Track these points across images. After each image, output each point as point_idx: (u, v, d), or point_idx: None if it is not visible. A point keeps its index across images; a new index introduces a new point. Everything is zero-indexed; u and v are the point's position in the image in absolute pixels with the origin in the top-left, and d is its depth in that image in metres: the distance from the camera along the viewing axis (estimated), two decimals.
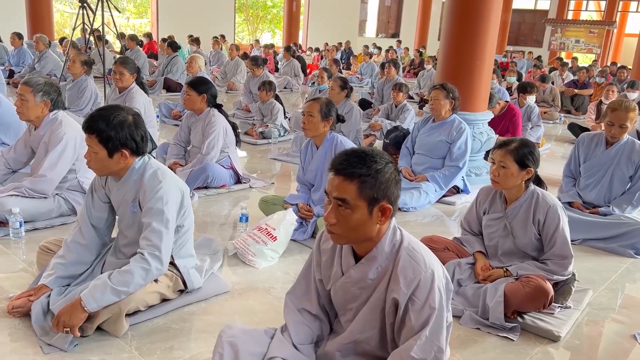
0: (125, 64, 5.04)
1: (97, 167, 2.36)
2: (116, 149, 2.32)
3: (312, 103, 3.42)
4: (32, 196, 3.34)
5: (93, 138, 2.28)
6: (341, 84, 5.55)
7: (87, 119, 2.29)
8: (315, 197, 3.59)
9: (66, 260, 2.45)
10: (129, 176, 2.43)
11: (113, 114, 2.32)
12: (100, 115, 2.30)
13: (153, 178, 2.39)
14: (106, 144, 2.29)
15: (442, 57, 5.24)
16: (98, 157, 2.31)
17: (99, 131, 2.27)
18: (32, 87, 3.36)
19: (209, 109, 4.38)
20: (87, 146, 2.31)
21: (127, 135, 2.32)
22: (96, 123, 2.27)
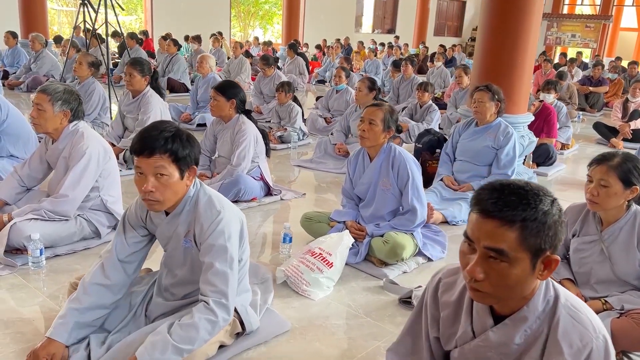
0: (136, 65, 4.66)
1: (167, 197, 1.97)
2: (187, 168, 1.97)
3: (375, 109, 3.05)
4: (51, 219, 2.96)
5: (165, 158, 1.90)
6: (369, 85, 5.20)
7: (153, 138, 1.89)
8: (365, 214, 3.24)
9: (82, 304, 2.05)
10: (182, 206, 2.06)
11: (176, 127, 1.98)
12: (167, 130, 1.93)
13: (210, 207, 2.03)
14: (180, 164, 1.93)
15: (480, 54, 4.90)
16: (170, 182, 1.93)
17: (173, 150, 1.90)
18: (50, 95, 2.98)
19: (238, 115, 4.01)
20: (146, 172, 1.92)
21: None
22: (168, 140, 1.90)
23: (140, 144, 1.90)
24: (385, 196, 3.12)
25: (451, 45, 22.65)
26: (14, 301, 2.55)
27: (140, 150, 1.91)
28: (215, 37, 12.70)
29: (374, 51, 13.86)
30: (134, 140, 1.94)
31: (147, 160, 1.91)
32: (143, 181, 1.93)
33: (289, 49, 11.69)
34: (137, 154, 1.92)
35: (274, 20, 30.59)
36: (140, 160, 1.91)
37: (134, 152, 1.93)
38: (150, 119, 4.64)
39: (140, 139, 1.91)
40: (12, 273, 2.79)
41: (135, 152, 1.92)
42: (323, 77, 12.72)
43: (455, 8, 30.13)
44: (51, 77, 8.78)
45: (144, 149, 1.90)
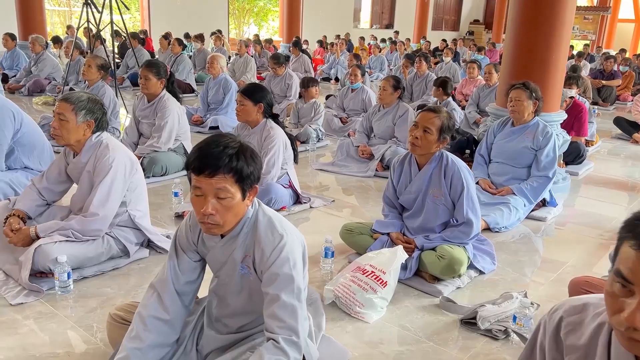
0: (151, 67, 4.43)
1: (228, 220, 1.75)
2: (250, 188, 1.76)
3: (432, 117, 2.82)
4: (78, 239, 2.73)
5: (228, 178, 1.68)
6: (394, 84, 4.98)
7: (215, 155, 1.67)
8: (412, 225, 3.02)
9: (144, 343, 1.83)
10: (239, 229, 1.84)
11: (239, 141, 1.75)
12: (230, 145, 1.70)
13: (271, 231, 1.81)
14: (243, 184, 1.72)
15: (510, 49, 4.69)
16: (232, 204, 1.72)
17: (238, 169, 1.68)
18: (73, 104, 2.75)
19: (265, 120, 3.79)
20: (206, 193, 1.70)
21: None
22: (232, 158, 1.68)
23: (200, 162, 1.68)
24: (436, 207, 2.90)
25: (452, 39, 22.48)
26: (45, 333, 2.32)
27: (200, 169, 1.68)
28: (217, 36, 12.44)
29: (378, 47, 13.59)
30: (193, 157, 1.72)
31: (208, 180, 1.69)
32: (202, 203, 1.71)
33: (294, 47, 11.45)
34: (196, 173, 1.70)
35: (268, 17, 30.28)
36: (200, 180, 1.69)
37: (193, 171, 1.71)
38: (167, 124, 4.42)
39: (201, 156, 1.69)
40: (38, 300, 2.56)
41: (195, 170, 1.70)
42: (328, 75, 12.49)
43: (452, 2, 29.91)
44: (53, 79, 8.52)
45: (205, 168, 1.68)
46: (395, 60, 14.32)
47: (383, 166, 4.94)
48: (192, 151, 1.75)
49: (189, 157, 1.75)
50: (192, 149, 1.76)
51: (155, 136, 4.43)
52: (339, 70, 12.24)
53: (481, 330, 2.42)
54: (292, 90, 7.40)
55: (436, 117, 2.83)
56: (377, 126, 5.15)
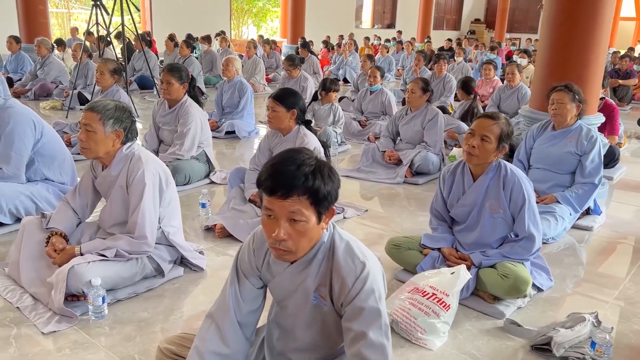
0: (173, 71, 4.23)
1: (302, 246, 1.57)
2: (326, 210, 1.56)
3: (490, 124, 2.61)
4: (121, 258, 2.55)
5: (303, 200, 1.49)
6: (423, 86, 4.78)
7: (290, 174, 1.48)
8: (465, 240, 2.82)
9: None
10: (312, 254, 1.64)
11: (315, 157, 1.56)
12: (306, 163, 1.51)
13: (352, 258, 1.62)
14: (320, 206, 1.52)
15: (545, 49, 4.50)
16: (307, 228, 1.53)
17: (314, 189, 1.49)
18: (100, 113, 2.54)
19: (298, 126, 3.59)
20: (279, 216, 1.50)
21: (338, 187, 1.60)
22: (309, 178, 1.49)
23: (273, 182, 1.49)
24: (493, 221, 2.71)
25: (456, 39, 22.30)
26: None
27: (273, 189, 1.49)
28: (223, 37, 12.23)
29: (386, 47, 13.40)
30: (265, 175, 1.52)
31: (281, 202, 1.49)
32: (274, 226, 1.52)
33: (302, 48, 11.25)
34: (268, 193, 1.50)
35: (267, 17, 30.09)
36: (273, 201, 1.50)
37: (264, 191, 1.52)
38: (190, 130, 4.22)
39: (274, 175, 1.50)
40: (71, 327, 2.36)
41: (267, 190, 1.50)
42: (336, 76, 12.27)
43: (453, 1, 29.77)
44: (59, 83, 8.31)
45: (278, 188, 1.48)
46: (402, 61, 14.13)
47: (412, 172, 4.75)
48: (264, 168, 1.55)
49: (260, 175, 1.55)
50: (265, 166, 1.56)
51: (177, 143, 4.23)
52: (347, 71, 12.04)
53: (557, 357, 2.22)
54: (307, 92, 7.19)
55: (495, 124, 2.63)
56: (405, 130, 4.96)
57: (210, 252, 3.20)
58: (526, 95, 6.68)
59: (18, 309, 2.47)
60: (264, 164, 1.59)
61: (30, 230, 2.72)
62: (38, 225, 2.74)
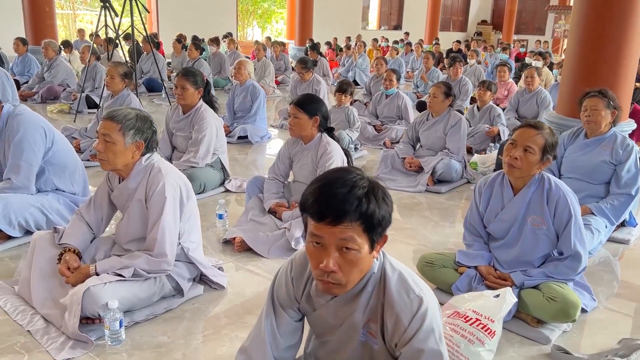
0: (188, 76, 4.07)
1: (353, 278, 1.41)
2: (380, 237, 1.40)
3: (534, 134, 2.44)
4: (139, 278, 2.38)
5: (356, 227, 1.32)
6: (445, 90, 4.60)
7: (341, 198, 1.32)
8: (504, 257, 2.65)
9: None
10: (361, 286, 1.48)
11: (367, 178, 1.40)
12: (358, 184, 1.35)
13: (406, 291, 1.45)
14: (373, 233, 1.36)
15: (574, 52, 4.32)
16: (359, 258, 1.36)
17: (368, 214, 1.33)
18: (120, 123, 2.38)
19: (320, 134, 3.42)
20: (328, 245, 1.34)
21: (392, 210, 1.43)
22: (362, 202, 1.33)
23: (322, 206, 1.32)
24: (536, 237, 2.53)
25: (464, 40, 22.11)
26: None
27: (321, 214, 1.32)
28: (231, 39, 12.08)
29: (396, 49, 13.22)
30: (311, 198, 1.36)
31: (331, 229, 1.33)
32: (322, 255, 1.36)
33: (312, 50, 11.08)
34: (316, 219, 1.34)
35: (272, 19, 29.98)
36: (321, 228, 1.33)
37: (311, 216, 1.35)
38: (205, 137, 4.06)
39: (322, 199, 1.33)
40: (86, 353, 2.19)
41: (314, 216, 1.34)
42: (345, 78, 12.08)
43: (460, 3, 29.60)
44: (67, 86, 8.16)
45: (328, 214, 1.32)
46: (412, 63, 13.95)
47: (434, 180, 4.57)
48: (309, 191, 1.38)
49: (304, 197, 1.38)
50: (310, 188, 1.39)
51: (191, 150, 4.06)
52: (356, 74, 11.86)
53: None
54: (321, 96, 6.97)
55: (538, 134, 2.46)
56: (426, 136, 4.78)
57: (230, 267, 3.03)
58: (545, 99, 6.50)
59: (29, 333, 2.31)
60: (308, 185, 1.42)
61: (42, 246, 2.55)
62: (50, 240, 2.57)
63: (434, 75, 9.00)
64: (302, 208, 1.40)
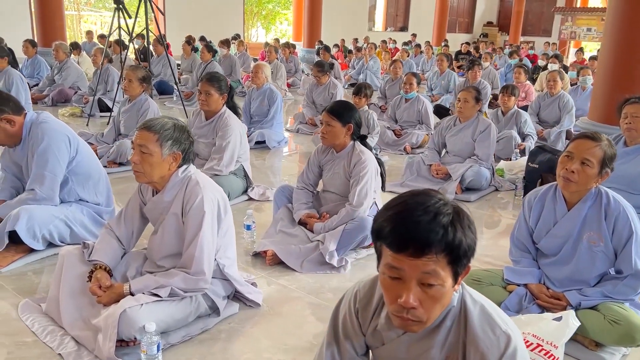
0: (212, 81, 3.94)
1: (434, 315, 1.29)
2: (463, 269, 1.28)
3: (592, 146, 2.31)
4: (175, 297, 2.26)
5: (440, 259, 1.21)
6: (476, 95, 4.46)
7: (424, 226, 1.20)
8: (556, 275, 2.51)
9: None
10: (439, 320, 1.35)
11: (449, 203, 1.28)
12: (442, 210, 1.23)
13: (491, 327, 1.33)
14: (458, 265, 1.24)
15: (608, 57, 4.18)
16: (442, 293, 1.24)
17: (455, 245, 1.21)
18: (158, 133, 2.25)
19: (353, 142, 3.29)
20: (407, 278, 1.22)
21: (476, 239, 1.30)
22: (448, 231, 1.21)
23: (402, 236, 1.20)
24: (592, 255, 2.39)
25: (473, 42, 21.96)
26: None
27: (402, 245, 1.20)
28: (241, 41, 11.96)
29: (407, 51, 13.09)
30: (388, 226, 1.23)
31: (413, 261, 1.20)
32: (400, 289, 1.24)
33: (324, 52, 10.95)
34: (395, 250, 1.21)
35: (276, 20, 29.88)
36: (401, 259, 1.21)
37: (389, 246, 1.22)
38: (230, 144, 3.93)
39: (402, 227, 1.20)
40: None
41: (393, 246, 1.21)
42: (356, 80, 11.96)
43: (465, 4, 29.47)
44: (77, 89, 8.05)
45: (410, 244, 1.19)
46: (422, 65, 13.82)
47: (462, 188, 4.44)
48: (385, 216, 1.25)
49: (379, 224, 1.25)
50: (386, 212, 1.26)
51: (215, 158, 3.93)
52: (367, 76, 11.73)
53: None
54: (337, 99, 6.89)
55: (597, 146, 2.33)
56: (453, 142, 4.64)
57: (261, 282, 2.90)
58: (568, 103, 6.36)
59: (60, 357, 2.18)
60: (383, 209, 1.30)
61: (71, 262, 2.42)
62: (79, 256, 2.45)
63: (449, 77, 8.86)
64: (376, 236, 1.27)
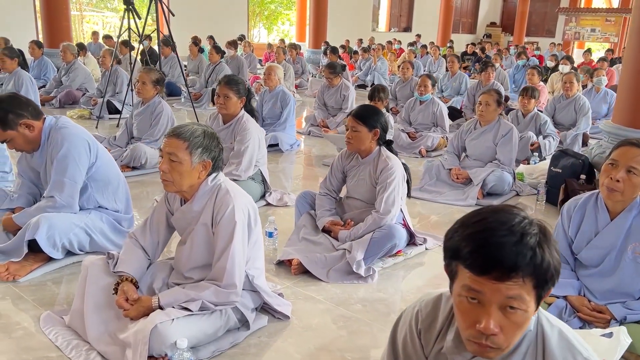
0: (231, 84, 3.86)
1: (511, 343, 1.19)
2: (545, 293, 1.18)
3: (639, 153, 2.23)
4: (205, 311, 2.17)
5: (527, 283, 1.13)
6: (498, 98, 4.37)
7: (509, 248, 1.10)
8: (598, 287, 2.41)
9: None
10: (516, 345, 1.25)
11: (534, 222, 1.18)
12: (527, 230, 1.14)
13: (572, 353, 1.25)
14: (543, 289, 1.16)
15: (634, 57, 4.08)
16: (526, 319, 1.16)
17: (543, 269, 1.13)
18: (187, 141, 2.16)
19: (379, 148, 3.20)
20: (488, 302, 1.13)
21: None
22: (536, 252, 1.12)
23: (485, 258, 1.11)
24: (637, 267, 2.30)
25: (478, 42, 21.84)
26: None
27: (485, 267, 1.11)
28: (247, 41, 11.87)
29: (414, 52, 12.99)
30: (467, 246, 1.14)
31: (496, 285, 1.11)
32: (479, 314, 1.15)
33: (332, 54, 10.87)
34: (478, 272, 1.12)
35: (278, 20, 29.83)
36: (483, 283, 1.12)
37: (470, 267, 1.13)
38: (248, 149, 3.84)
39: (485, 248, 1.11)
40: None
41: (475, 268, 1.12)
42: (364, 82, 11.89)
43: (469, 4, 29.40)
44: (85, 90, 7.96)
45: (494, 267, 1.10)
46: (429, 66, 13.72)
47: (483, 193, 4.34)
48: (462, 235, 1.17)
49: (456, 243, 1.17)
50: (463, 230, 1.17)
51: (233, 163, 3.84)
52: (375, 77, 11.64)
53: None
54: (349, 102, 6.81)
55: None
56: (473, 146, 4.55)
57: (287, 293, 2.80)
58: (584, 105, 6.28)
59: None
60: (458, 226, 1.21)
61: (95, 274, 2.33)
62: (103, 267, 2.36)
63: (460, 79, 8.76)
64: (453, 255, 1.18)
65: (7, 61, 6.04)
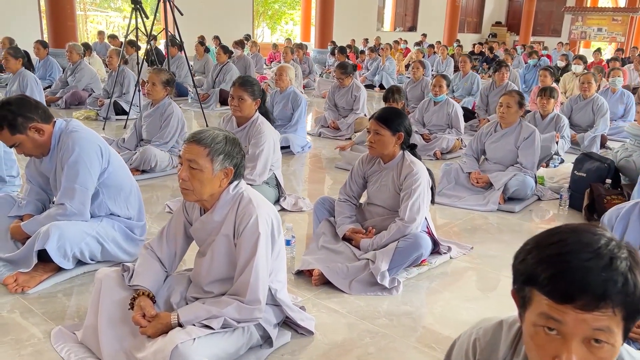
0: (246, 86, 3.73)
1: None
2: (634, 325, 1.04)
3: None
4: (228, 328, 2.04)
5: (617, 314, 0.99)
6: (519, 100, 4.22)
7: (590, 274, 0.96)
8: None
9: None
10: None
11: (622, 245, 1.03)
12: (615, 255, 0.99)
13: None
14: (630, 322, 1.02)
15: None
16: (612, 354, 1.01)
17: (636, 299, 0.98)
18: (208, 147, 2.03)
19: (402, 152, 3.06)
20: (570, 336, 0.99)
21: None
22: (628, 280, 0.97)
23: (569, 285, 0.97)
24: None
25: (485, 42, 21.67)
26: None
27: (568, 295, 0.97)
28: (254, 41, 11.74)
29: (422, 52, 12.84)
30: (541, 269, 1.00)
31: (580, 315, 0.97)
32: (558, 347, 1.01)
33: (339, 53, 10.73)
34: (559, 300, 0.98)
35: (282, 20, 29.71)
36: (565, 312, 0.98)
37: (549, 295, 0.99)
38: (263, 152, 3.71)
39: (568, 273, 0.97)
40: None
41: (556, 295, 0.98)
42: (371, 82, 11.74)
43: (474, 4, 29.23)
44: (91, 91, 7.84)
45: (579, 295, 0.96)
46: (437, 65, 13.57)
47: (505, 198, 4.20)
48: (538, 256, 1.02)
49: (531, 266, 1.02)
50: (540, 252, 1.03)
51: (248, 166, 3.70)
52: (384, 77, 11.50)
53: None
54: (360, 102, 6.67)
55: None
56: (493, 149, 4.41)
57: (309, 305, 2.66)
58: (602, 106, 6.13)
59: None
60: (534, 247, 1.06)
61: (109, 287, 2.20)
62: (117, 280, 2.22)
63: (472, 79, 8.62)
64: (528, 280, 1.04)
65: (11, 60, 5.92)
